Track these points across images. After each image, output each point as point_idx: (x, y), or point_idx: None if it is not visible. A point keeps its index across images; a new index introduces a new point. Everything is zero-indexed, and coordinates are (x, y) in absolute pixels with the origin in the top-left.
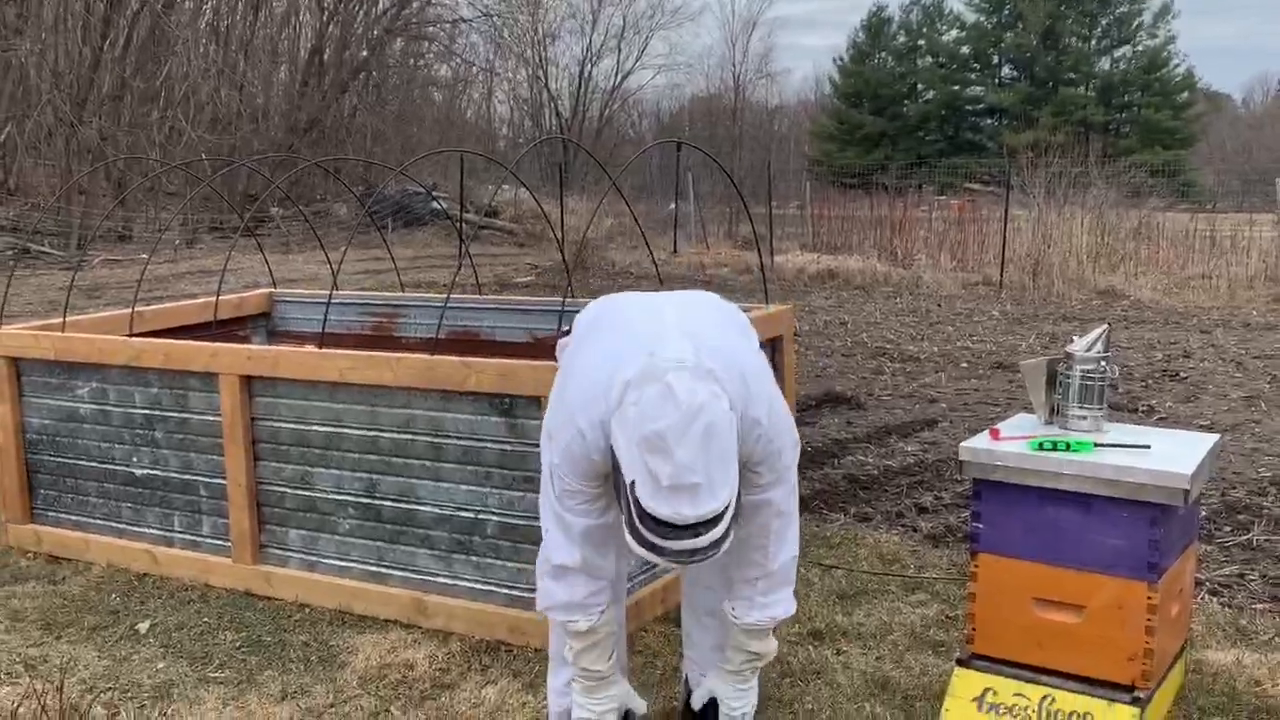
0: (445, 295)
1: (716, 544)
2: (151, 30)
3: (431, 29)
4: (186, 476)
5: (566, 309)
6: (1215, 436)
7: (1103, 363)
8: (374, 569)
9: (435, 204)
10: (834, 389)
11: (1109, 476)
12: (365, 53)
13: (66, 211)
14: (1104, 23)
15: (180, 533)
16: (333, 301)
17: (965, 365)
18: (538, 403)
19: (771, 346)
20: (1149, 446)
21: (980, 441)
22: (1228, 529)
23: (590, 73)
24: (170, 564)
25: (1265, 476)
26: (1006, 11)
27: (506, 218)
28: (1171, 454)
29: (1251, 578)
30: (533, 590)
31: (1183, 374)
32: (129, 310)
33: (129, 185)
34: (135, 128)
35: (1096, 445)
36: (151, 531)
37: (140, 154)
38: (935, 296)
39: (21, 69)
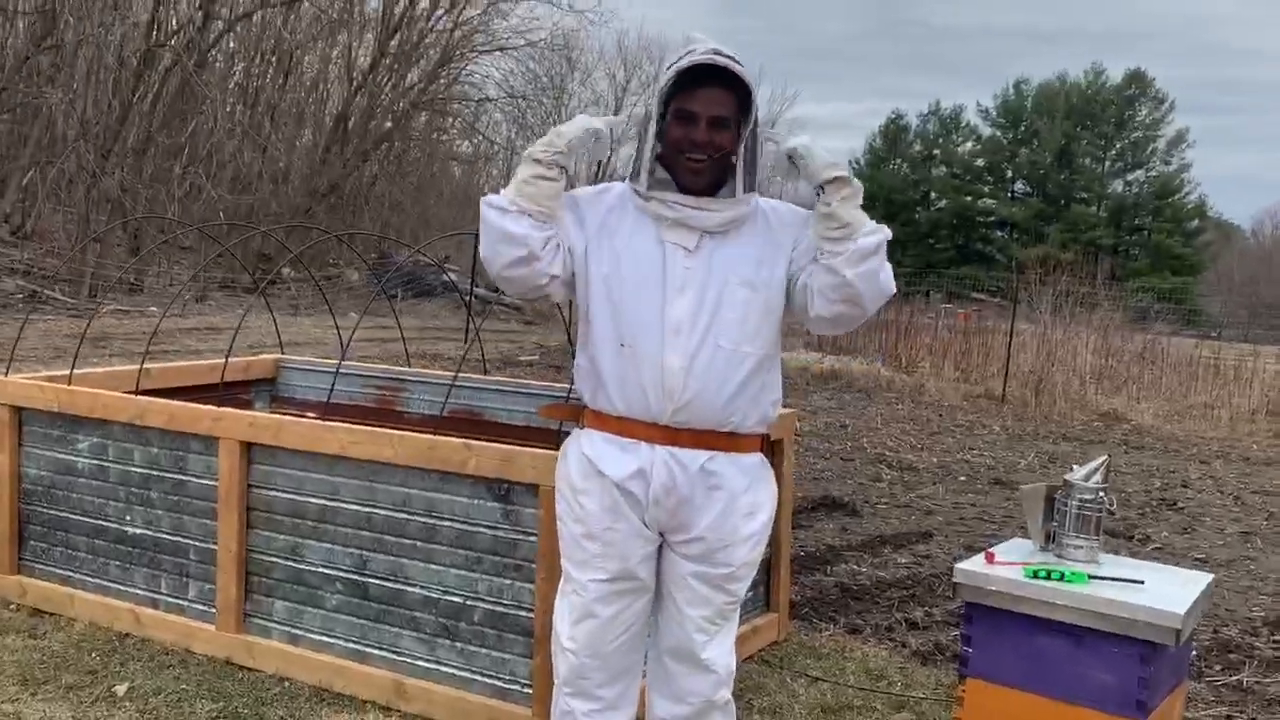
0: (453, 374)
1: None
2: (181, 87)
3: (457, 105)
4: (178, 539)
5: (572, 396)
6: (1209, 576)
7: (1101, 494)
8: (357, 647)
9: (446, 276)
10: (831, 493)
11: (1101, 610)
12: (390, 124)
13: (81, 259)
14: (1118, 146)
15: (166, 595)
16: (339, 372)
17: (963, 479)
18: (535, 490)
19: (772, 449)
20: (1143, 582)
21: (975, 564)
22: (1218, 668)
23: (611, 160)
24: (153, 626)
25: (1258, 616)
26: (1022, 128)
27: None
28: (1165, 591)
29: None
30: (516, 681)
31: (1180, 504)
32: (136, 366)
33: (145, 238)
34: (156, 182)
35: (1091, 577)
36: (137, 591)
37: (159, 207)
38: (937, 406)
39: (50, 117)
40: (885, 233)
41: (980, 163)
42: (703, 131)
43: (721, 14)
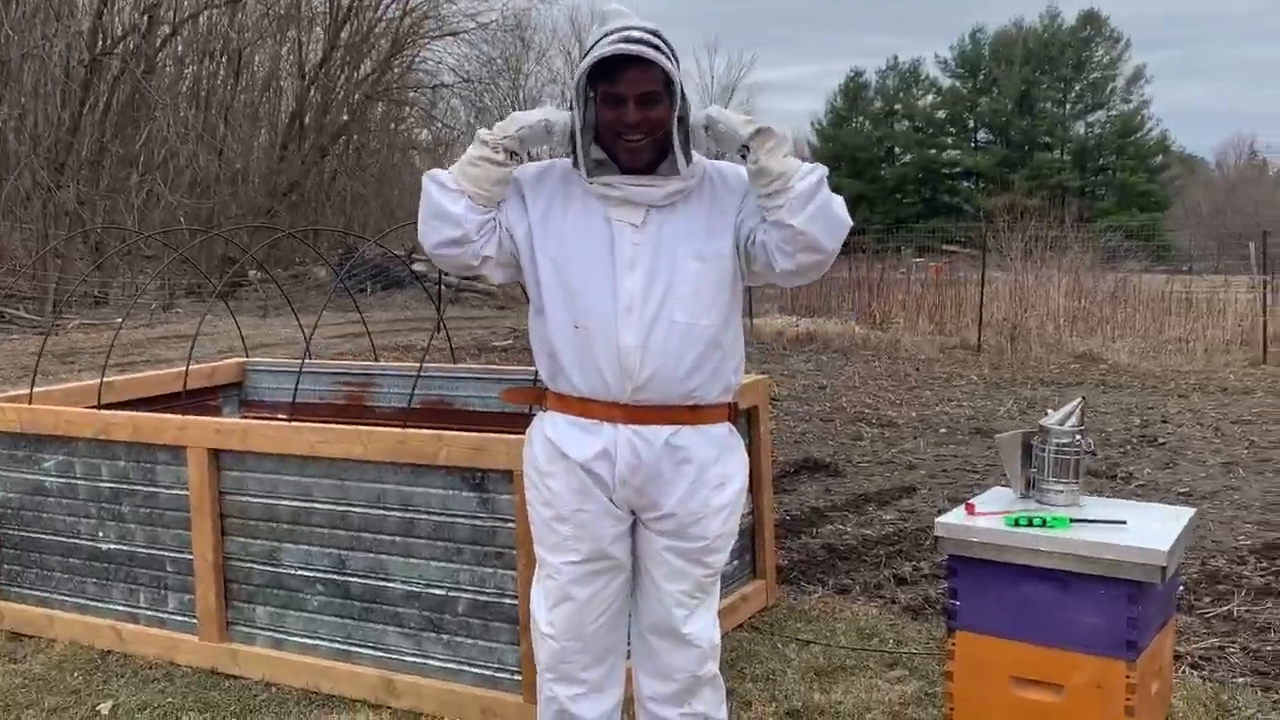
0: (419, 365)
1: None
2: (131, 95)
3: (413, 94)
4: (153, 551)
5: (539, 379)
6: (1191, 511)
7: (1078, 436)
8: (342, 647)
9: (412, 268)
10: (812, 455)
11: (1085, 554)
12: (346, 117)
13: (42, 275)
14: (1078, 88)
15: (146, 609)
16: (305, 371)
17: (944, 431)
18: (509, 477)
19: (746, 416)
20: (1125, 522)
21: (956, 517)
22: (1207, 599)
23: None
24: (135, 641)
25: (1244, 545)
26: (981, 77)
27: (485, 280)
28: (1147, 530)
29: (1232, 650)
30: (505, 670)
31: (1161, 439)
32: (98, 381)
33: (106, 249)
34: (113, 192)
35: (1072, 521)
36: (117, 608)
37: (118, 217)
38: (914, 360)
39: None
40: (821, 170)
41: (942, 114)
42: (633, 112)
43: None
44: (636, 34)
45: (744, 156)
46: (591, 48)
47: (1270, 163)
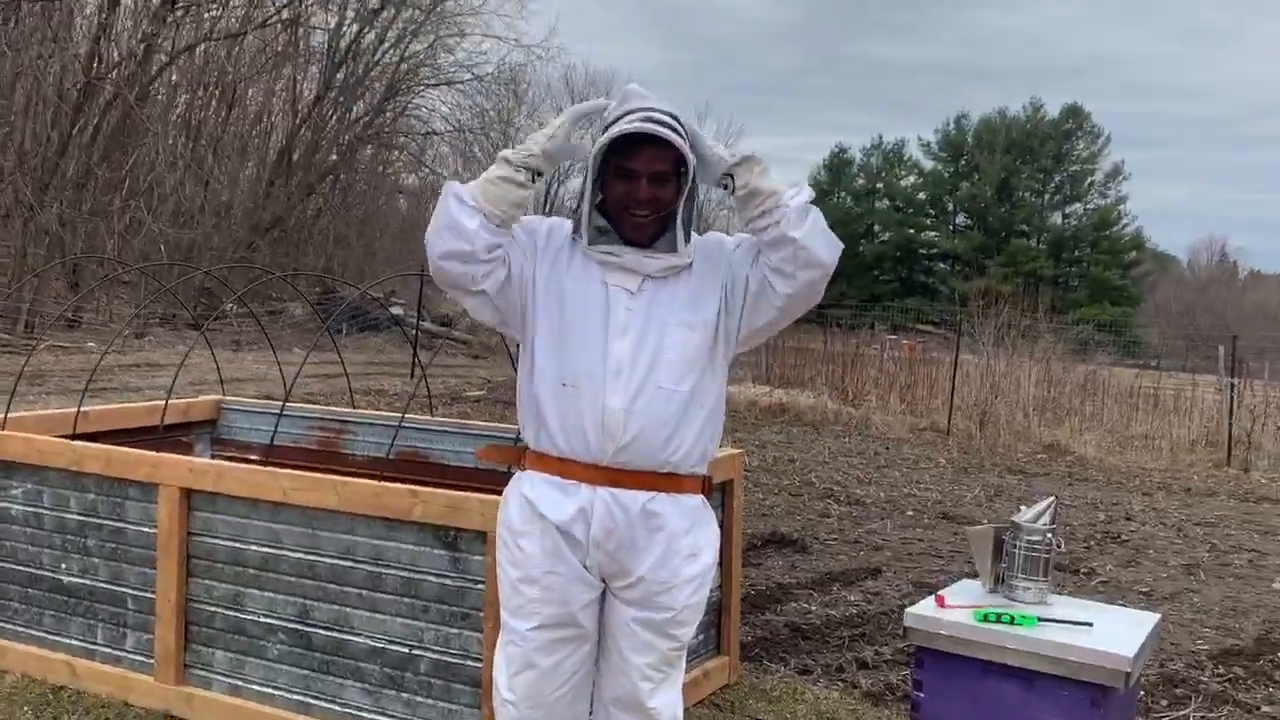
0: (400, 416)
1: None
2: (122, 120)
3: (403, 139)
4: (115, 588)
5: (521, 440)
6: (1156, 616)
7: (1049, 535)
8: (300, 698)
9: (392, 309)
10: (780, 530)
11: (1051, 654)
12: (335, 157)
13: (17, 294)
14: (1057, 179)
15: (102, 646)
16: (283, 414)
17: (911, 513)
18: (483, 538)
19: (721, 490)
20: (1091, 624)
21: (926, 608)
22: (1164, 703)
23: (556, 192)
24: (89, 678)
25: (1203, 650)
26: (963, 161)
27: (462, 328)
28: (1113, 633)
29: None
30: None
31: (1124, 537)
32: (73, 409)
33: (84, 273)
34: (96, 215)
35: (1040, 620)
36: (73, 642)
37: (99, 241)
38: (884, 439)
39: None
40: (807, 190)
41: (922, 196)
42: (644, 189)
43: (666, 48)
44: (658, 115)
45: (725, 186)
46: (612, 123)
47: (1241, 265)
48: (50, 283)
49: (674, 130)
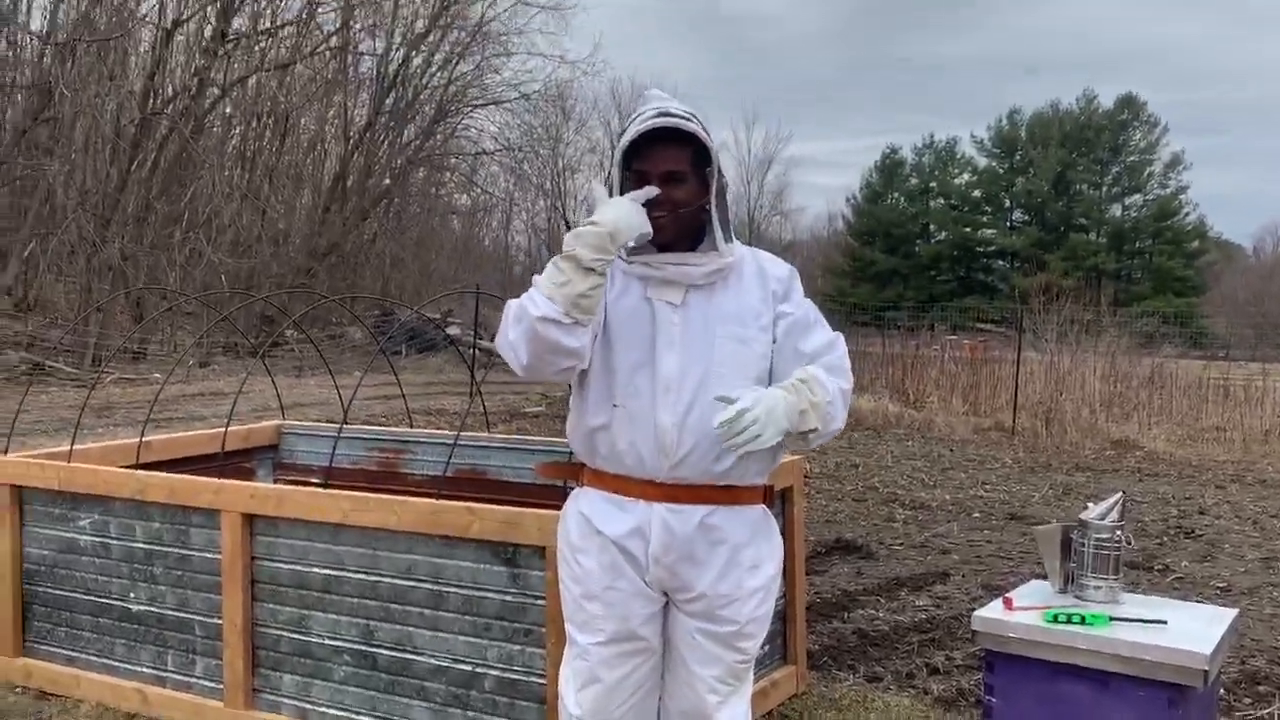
0: (455, 434)
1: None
2: (179, 153)
3: (454, 160)
4: (182, 614)
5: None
6: (1234, 611)
7: (1118, 532)
8: (367, 719)
9: (449, 329)
10: (844, 536)
11: (1124, 654)
12: (388, 181)
13: (83, 329)
14: (1114, 171)
15: (173, 672)
16: (341, 436)
17: (978, 515)
18: (542, 553)
19: (781, 497)
20: (1166, 621)
21: (994, 611)
22: (1247, 700)
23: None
24: (161, 705)
25: None
26: (1018, 157)
27: None
28: (1189, 630)
29: None
30: None
31: (1199, 532)
32: (136, 440)
33: (148, 306)
34: (156, 248)
35: (1112, 619)
36: (144, 670)
37: (161, 274)
38: (947, 441)
39: (49, 188)
40: (841, 384)
41: (977, 193)
42: (657, 189)
43: (711, 57)
44: (674, 110)
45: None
46: (626, 128)
47: None
48: (115, 317)
49: (688, 121)
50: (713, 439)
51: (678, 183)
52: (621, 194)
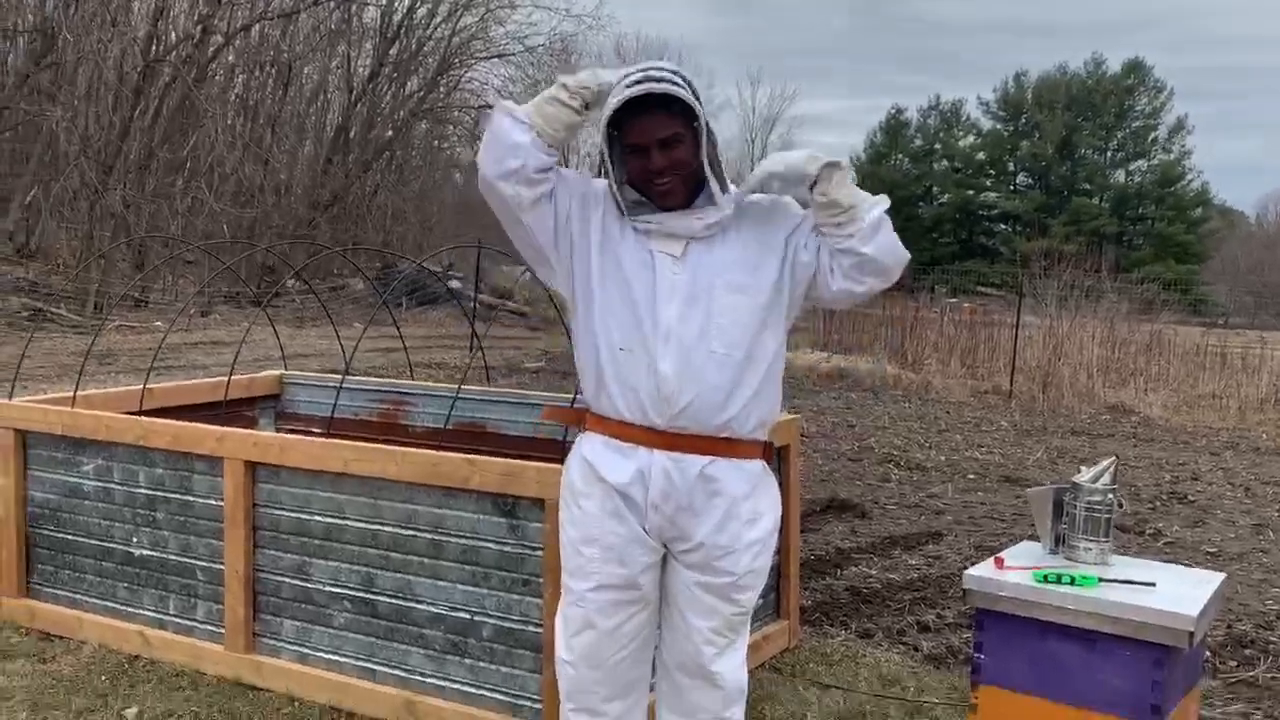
0: (456, 387)
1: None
2: (181, 101)
3: (457, 113)
4: (184, 559)
5: (577, 403)
6: (1222, 575)
7: (1110, 495)
8: (366, 665)
9: (448, 285)
10: (839, 495)
11: (1113, 614)
12: (390, 133)
13: (85, 276)
14: (1119, 136)
15: (174, 616)
16: (342, 387)
17: (972, 477)
18: (540, 505)
19: (778, 455)
20: (1154, 584)
21: (985, 570)
22: (1233, 663)
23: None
24: (162, 647)
25: (1272, 610)
26: (1023, 120)
27: (520, 300)
28: (1177, 593)
29: (1256, 717)
30: (526, 696)
31: (1190, 497)
32: (139, 387)
33: (149, 254)
34: (159, 196)
35: (1101, 580)
36: (145, 613)
37: (162, 221)
38: (944, 403)
39: (52, 134)
40: (886, 200)
41: (981, 156)
42: (657, 158)
43: (718, 14)
44: (655, 74)
45: (810, 190)
46: (611, 97)
47: None
48: (117, 264)
49: (673, 83)
50: (713, 389)
51: (676, 144)
52: (620, 169)
